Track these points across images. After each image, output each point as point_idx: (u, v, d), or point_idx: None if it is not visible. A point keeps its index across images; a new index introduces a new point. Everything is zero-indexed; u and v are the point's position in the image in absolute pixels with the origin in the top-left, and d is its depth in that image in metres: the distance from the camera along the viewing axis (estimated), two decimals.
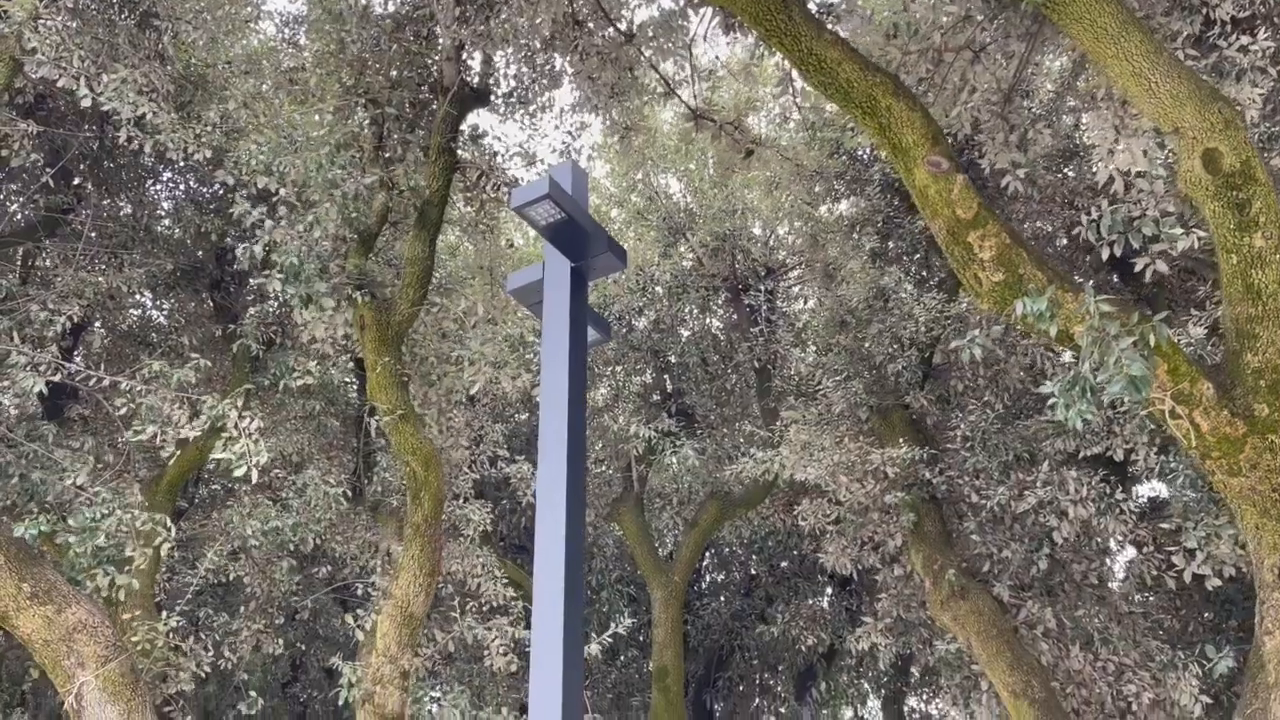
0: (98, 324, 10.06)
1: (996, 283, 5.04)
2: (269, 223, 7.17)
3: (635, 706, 11.86)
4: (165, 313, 10.57)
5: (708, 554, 14.55)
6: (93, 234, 9.24)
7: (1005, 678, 6.81)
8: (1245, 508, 4.93)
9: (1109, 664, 7.12)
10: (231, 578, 9.48)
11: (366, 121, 8.10)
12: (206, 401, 6.52)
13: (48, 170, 8.43)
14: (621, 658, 13.73)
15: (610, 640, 8.01)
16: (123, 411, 6.95)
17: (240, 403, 6.49)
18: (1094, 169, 8.55)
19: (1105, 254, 5.14)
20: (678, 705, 11.13)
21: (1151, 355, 4.48)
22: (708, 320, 13.28)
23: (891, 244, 9.47)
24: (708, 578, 14.82)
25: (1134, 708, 6.99)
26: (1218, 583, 6.41)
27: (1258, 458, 4.77)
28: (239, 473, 6.17)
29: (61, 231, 9.26)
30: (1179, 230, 4.78)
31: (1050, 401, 4.75)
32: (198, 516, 10.47)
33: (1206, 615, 8.95)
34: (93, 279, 8.44)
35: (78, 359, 9.51)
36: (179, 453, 7.54)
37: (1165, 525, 6.70)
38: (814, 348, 10.80)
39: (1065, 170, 9.06)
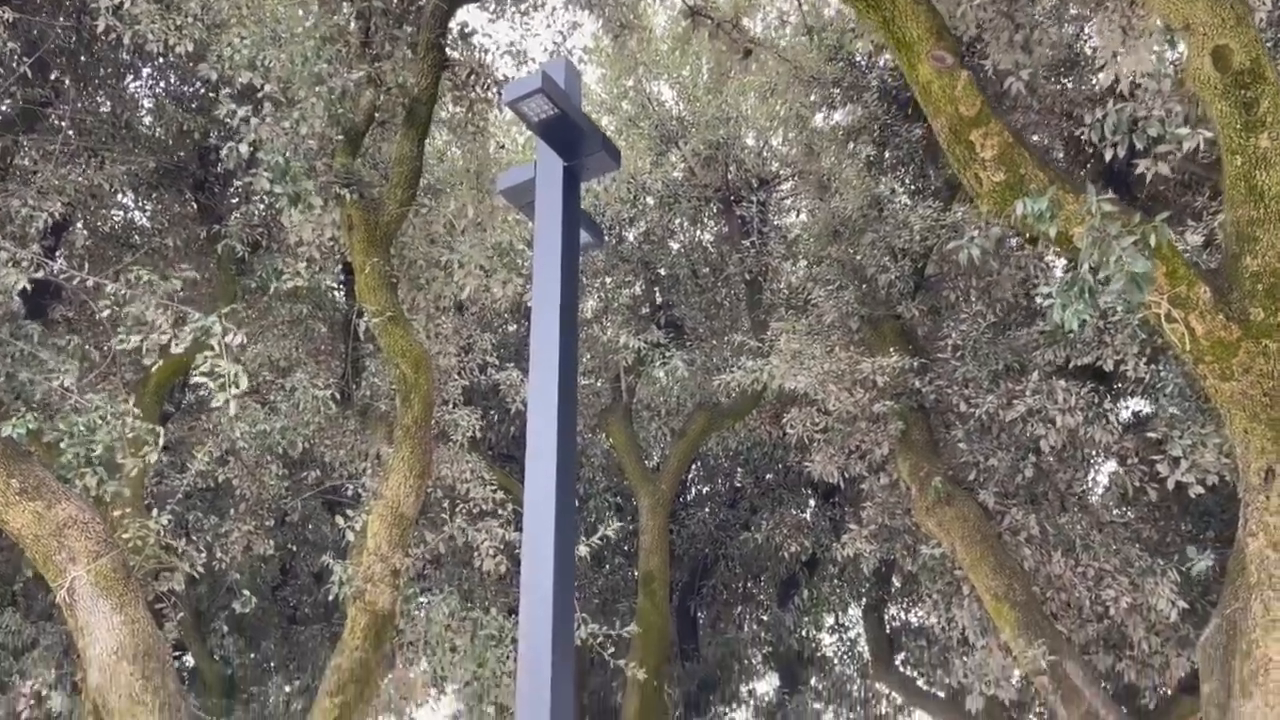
0: (79, 224, 9.88)
1: (997, 183, 4.98)
2: (254, 120, 7.00)
3: (621, 611, 12.07)
4: (148, 214, 10.39)
5: (694, 466, 14.66)
6: (71, 132, 9.02)
7: (988, 581, 6.93)
8: (1235, 412, 4.96)
9: (1089, 570, 7.25)
10: (220, 480, 9.50)
11: (353, 15, 7.87)
12: (192, 314, 6.43)
13: (24, 60, 8.18)
14: (608, 565, 13.94)
15: (600, 543, 8.10)
16: (106, 313, 6.85)
17: (225, 319, 6.39)
18: (1094, 79, 8.42)
19: (1109, 155, 5.07)
20: (663, 610, 11.33)
21: (1152, 255, 4.44)
22: (698, 233, 13.17)
23: (888, 153, 9.35)
24: (694, 489, 14.96)
25: (1111, 612, 7.14)
26: (1200, 490, 6.49)
27: (1250, 362, 4.78)
28: (218, 403, 6.08)
29: (40, 128, 9.03)
30: (1185, 130, 4.71)
31: (1047, 303, 4.73)
32: (185, 420, 10.45)
33: (1185, 527, 9.10)
34: (73, 176, 8.26)
35: (60, 259, 9.37)
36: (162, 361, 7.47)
37: (1152, 434, 6.75)
38: (805, 262, 10.74)
39: (1065, 81, 8.91)
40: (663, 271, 12.62)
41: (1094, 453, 7.63)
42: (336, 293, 10.78)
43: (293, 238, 8.02)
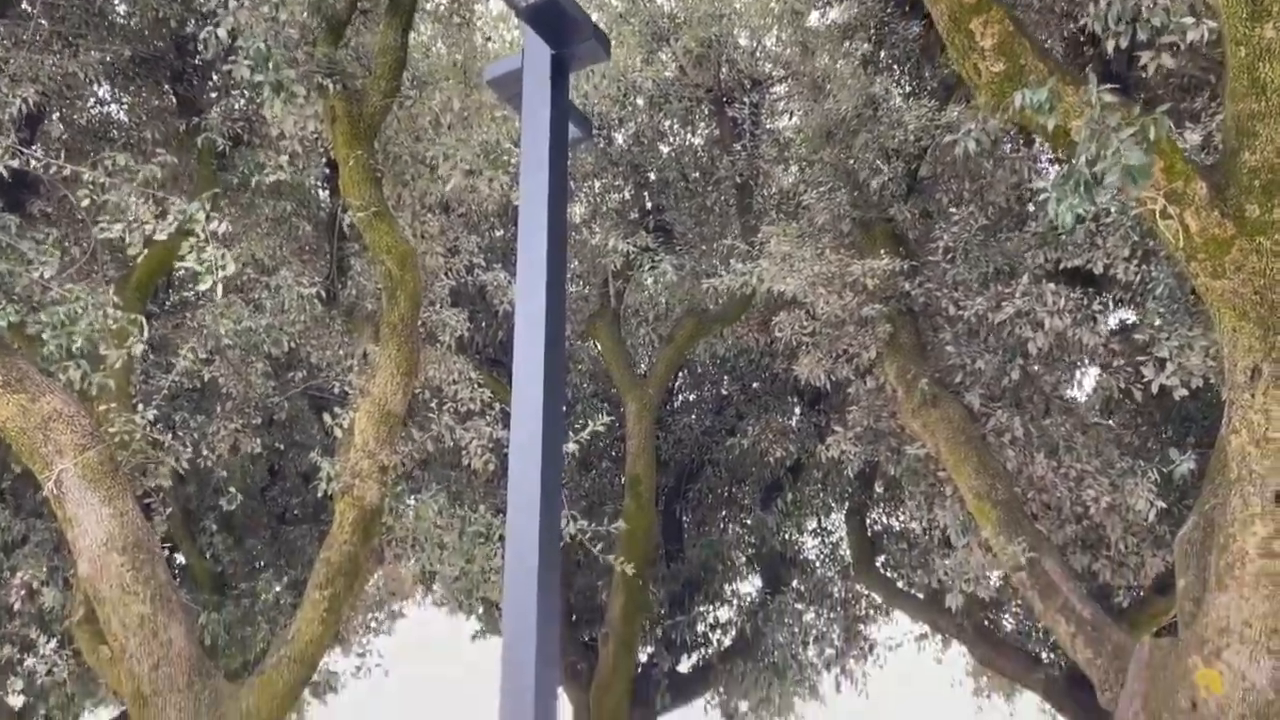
0: (55, 116, 9.63)
1: (996, 73, 4.87)
2: (232, 2, 6.76)
3: (608, 514, 12.20)
4: (125, 107, 10.13)
5: (681, 374, 14.69)
6: (43, 21, 8.72)
7: (970, 481, 7.01)
8: (1224, 311, 4.95)
9: (1070, 471, 7.33)
10: (206, 379, 9.46)
11: None
12: (174, 202, 6.30)
13: None
14: (594, 470, 14.07)
15: (587, 440, 8.15)
16: (86, 204, 6.71)
17: (208, 205, 6.27)
18: None
19: (1110, 47, 4.96)
20: (649, 512, 11.47)
21: (1150, 149, 4.37)
22: (689, 136, 12.95)
23: (884, 52, 9.14)
24: (680, 397, 15.02)
25: (1091, 512, 7.26)
26: (1184, 393, 6.53)
27: (1243, 260, 4.75)
28: (204, 286, 6.02)
29: (11, 14, 8.72)
30: (1189, 19, 4.60)
31: (1042, 197, 4.67)
32: (169, 319, 10.36)
33: (1167, 433, 9.21)
34: (47, 64, 8.01)
35: (36, 151, 9.15)
36: (146, 252, 7.36)
37: (1139, 337, 6.76)
38: (797, 167, 10.59)
39: None
40: (652, 175, 12.44)
41: (1081, 357, 7.65)
42: (321, 191, 10.60)
43: (274, 130, 7.84)
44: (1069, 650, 6.10)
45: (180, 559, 12.02)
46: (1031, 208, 8.70)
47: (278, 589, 10.90)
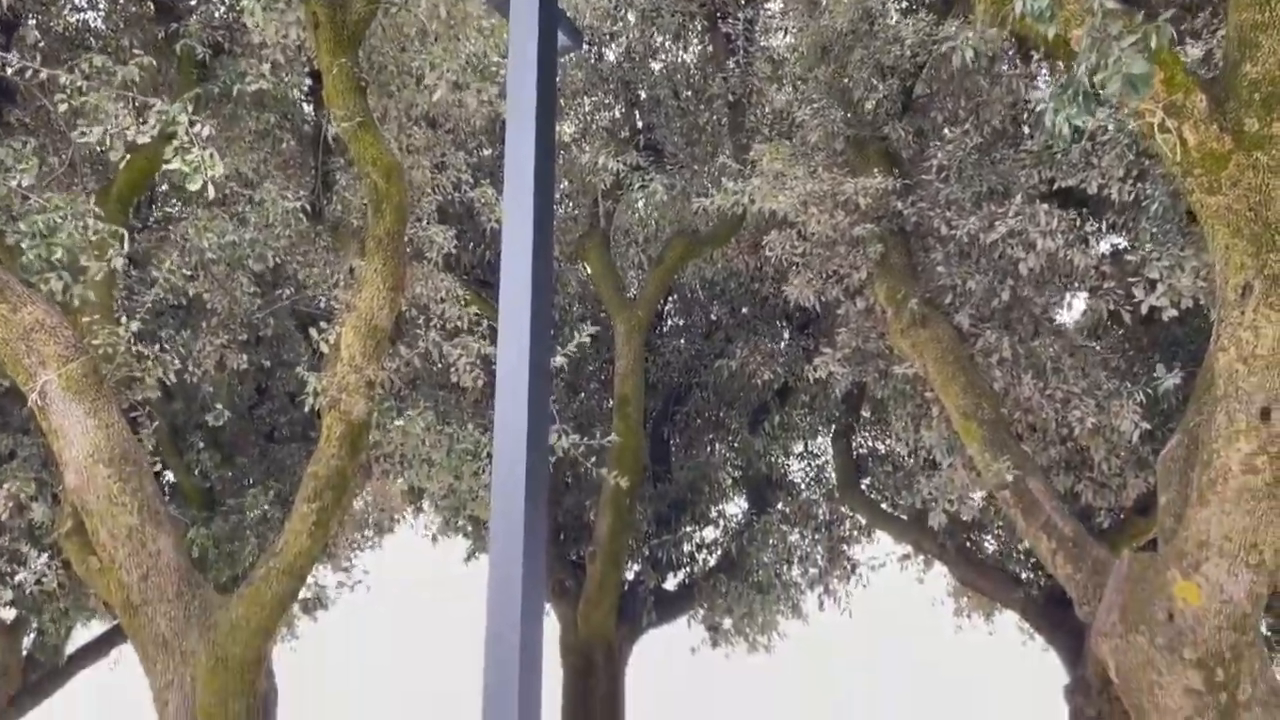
0: (31, 22, 9.36)
1: None
2: None
3: (597, 435, 12.22)
4: (102, 13, 9.84)
5: (670, 299, 14.64)
6: None
7: (957, 400, 7.03)
8: (1218, 227, 4.91)
9: (1057, 392, 7.36)
10: (191, 294, 9.36)
11: None
12: (155, 104, 6.14)
13: None
14: (583, 393, 14.09)
15: (575, 354, 8.12)
16: (64, 109, 6.55)
17: (190, 107, 6.11)
18: None
19: None
20: (637, 432, 11.52)
21: (1151, 58, 4.28)
22: (681, 53, 12.69)
23: None
24: (669, 321, 14.99)
25: (1076, 432, 7.30)
26: (1174, 314, 6.52)
27: (1239, 175, 4.69)
28: (193, 186, 5.90)
29: None
30: None
31: (1040, 108, 4.59)
32: (152, 234, 10.21)
33: (1155, 358, 9.23)
34: None
35: (12, 57, 8.90)
36: (128, 158, 7.20)
37: (1130, 258, 6.73)
38: (791, 86, 10.40)
39: None
40: (643, 93, 12.22)
41: (1071, 280, 7.63)
42: (305, 104, 10.37)
43: (256, 38, 7.63)
44: (1050, 566, 6.18)
45: (169, 476, 12.05)
46: (1027, 129, 8.59)
47: (266, 506, 10.94)
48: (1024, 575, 11.00)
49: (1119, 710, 9.42)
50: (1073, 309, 8.71)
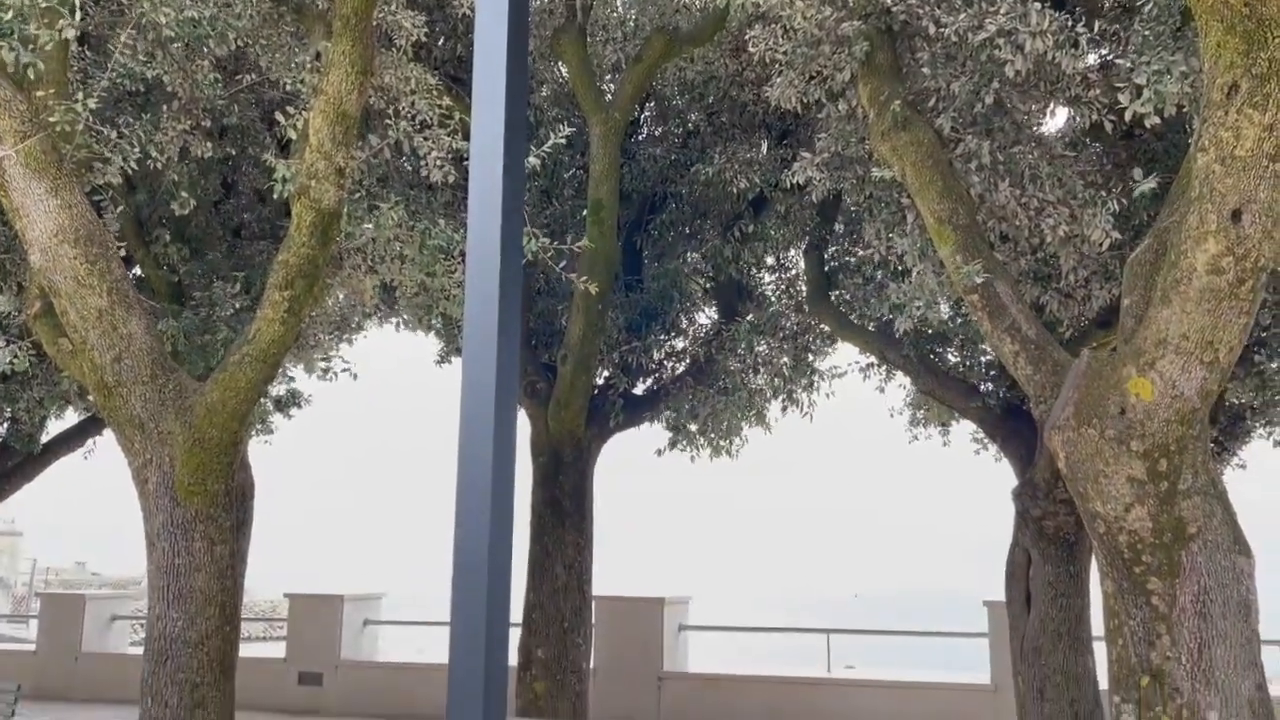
0: None
1: None
2: None
3: (569, 241, 12.17)
4: None
5: (648, 106, 14.27)
6: None
7: (933, 205, 7.01)
8: (1211, 24, 4.80)
9: (1033, 201, 7.36)
10: (150, 77, 8.98)
11: None
12: None
13: None
14: (556, 199, 13.91)
15: (550, 152, 7.96)
16: None
17: None
18: None
19: None
20: (610, 238, 11.47)
21: None
22: None
23: None
24: (646, 129, 14.66)
25: (1048, 240, 7.36)
26: (1156, 121, 6.46)
27: None
28: None
29: None
30: None
31: None
32: (105, 6, 9.68)
33: (1132, 171, 9.20)
34: None
35: None
36: None
37: (1121, 61, 6.59)
38: None
39: None
40: None
41: (1058, 84, 7.48)
42: None
43: None
44: (1011, 368, 6.34)
45: (136, 271, 11.93)
46: None
47: (237, 305, 10.91)
48: (983, 387, 11.32)
49: (1063, 511, 9.93)
50: (1055, 116, 8.60)
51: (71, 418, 14.40)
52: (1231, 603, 4.87)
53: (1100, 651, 7.12)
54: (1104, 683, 8.19)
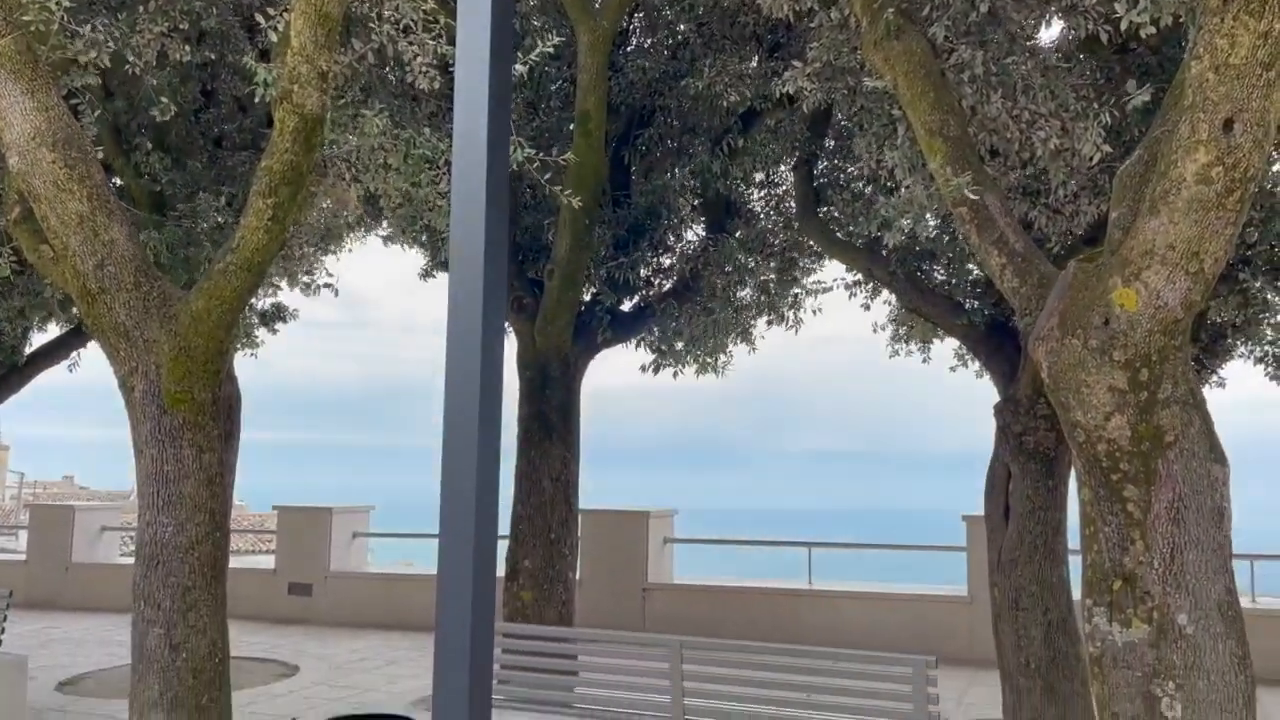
0: None
1: None
2: None
3: (554, 153, 12.02)
4: None
5: (637, 17, 13.97)
6: None
7: (924, 117, 6.93)
8: None
9: (1024, 113, 7.29)
10: None
11: None
12: None
13: None
14: (542, 111, 13.71)
15: (537, 61, 7.82)
16: None
17: None
18: None
19: None
20: (598, 150, 11.35)
21: None
22: None
23: None
24: (634, 41, 14.38)
25: (1039, 153, 7.31)
26: (1152, 31, 6.36)
27: None
28: None
29: None
30: None
31: None
32: None
33: (1127, 85, 9.10)
34: None
35: None
36: None
37: None
38: None
39: None
40: None
41: None
42: None
43: None
44: (997, 281, 6.35)
45: (116, 181, 11.75)
46: None
47: (220, 219, 10.78)
48: (968, 304, 11.36)
49: (1043, 427, 10.07)
50: (1050, 27, 8.46)
51: (55, 331, 14.33)
52: (1205, 509, 4.98)
53: (1075, 565, 7.31)
54: (1077, 594, 8.42)
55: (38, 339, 14.58)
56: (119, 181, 11.78)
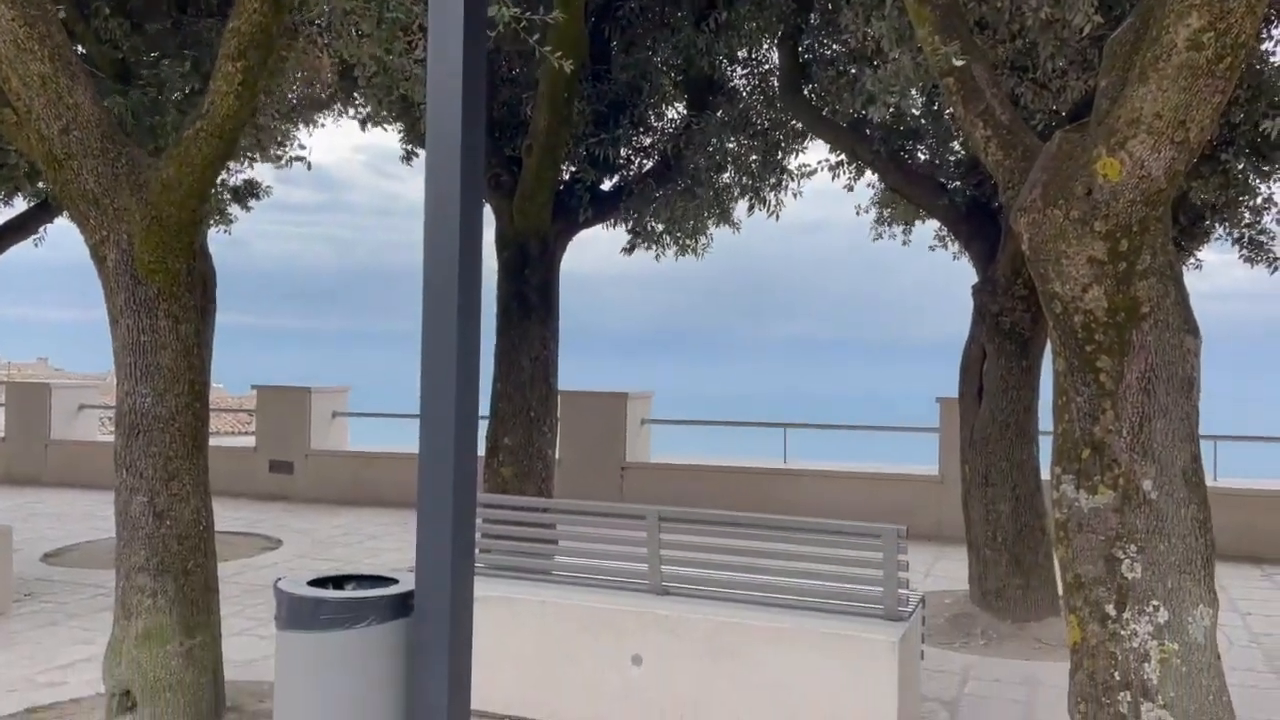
0: None
1: None
2: None
3: (537, 30, 11.65)
4: None
5: None
6: None
7: None
8: None
9: None
10: None
11: None
12: None
13: None
14: None
15: None
16: None
17: None
18: None
19: None
20: (579, 20, 10.99)
21: None
22: None
23: None
24: None
25: (1028, 24, 7.16)
26: None
27: None
28: None
29: None
30: None
31: None
32: None
33: None
34: None
35: None
36: None
37: None
38: None
39: None
40: None
41: None
42: None
43: None
44: (981, 154, 6.29)
45: (79, 49, 11.32)
46: None
47: (186, 88, 10.43)
48: (951, 185, 11.29)
49: (1020, 307, 10.15)
50: None
51: (21, 206, 14.02)
52: (1175, 379, 5.06)
53: (1046, 445, 7.47)
54: (1045, 474, 8.61)
55: (3, 214, 14.30)
56: (81, 50, 11.36)
